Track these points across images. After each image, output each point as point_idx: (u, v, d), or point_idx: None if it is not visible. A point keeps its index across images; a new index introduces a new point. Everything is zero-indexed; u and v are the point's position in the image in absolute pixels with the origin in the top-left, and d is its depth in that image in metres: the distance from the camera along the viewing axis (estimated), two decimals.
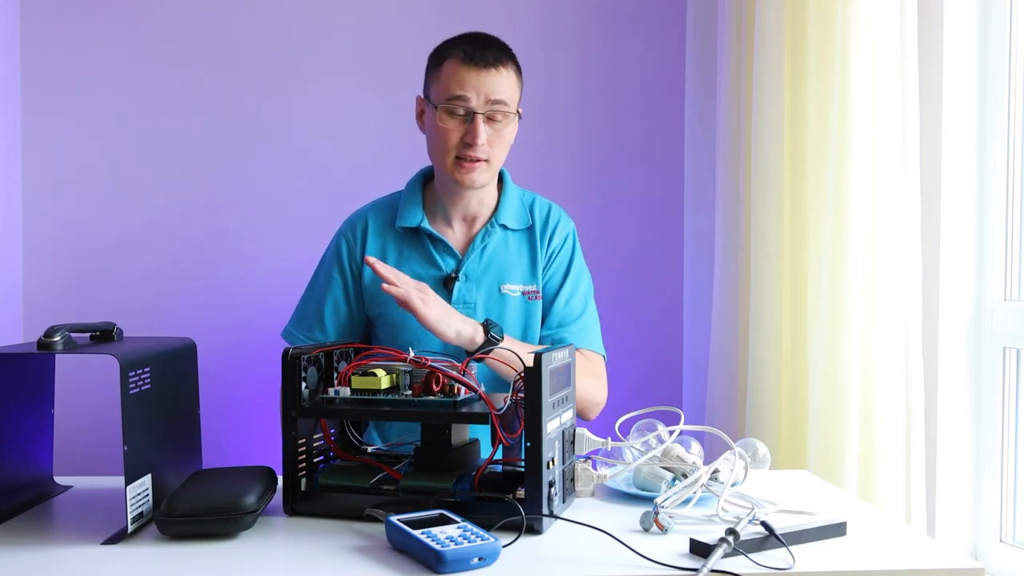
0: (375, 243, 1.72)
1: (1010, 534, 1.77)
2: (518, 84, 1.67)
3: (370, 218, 1.75)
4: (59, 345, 1.18)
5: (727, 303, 2.05)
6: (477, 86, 1.60)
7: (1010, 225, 1.78)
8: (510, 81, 1.64)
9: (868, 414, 1.72)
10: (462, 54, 1.62)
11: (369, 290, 1.71)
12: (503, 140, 1.65)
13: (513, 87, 1.64)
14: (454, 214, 1.71)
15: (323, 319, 1.72)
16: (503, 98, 1.61)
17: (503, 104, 1.61)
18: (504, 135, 1.64)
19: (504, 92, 1.62)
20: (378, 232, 1.73)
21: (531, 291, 1.71)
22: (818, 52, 1.77)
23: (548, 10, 2.42)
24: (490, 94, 1.60)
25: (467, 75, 1.61)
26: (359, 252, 1.72)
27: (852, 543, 1.13)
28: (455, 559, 1.00)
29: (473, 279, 1.69)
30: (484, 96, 1.60)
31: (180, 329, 2.19)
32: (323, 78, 2.38)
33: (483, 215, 1.72)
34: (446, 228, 1.72)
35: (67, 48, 2.32)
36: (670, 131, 2.44)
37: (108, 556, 1.08)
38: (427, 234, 1.70)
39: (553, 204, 1.79)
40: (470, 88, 1.60)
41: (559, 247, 1.75)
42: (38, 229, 2.32)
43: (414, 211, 1.71)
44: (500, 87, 1.61)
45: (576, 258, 1.77)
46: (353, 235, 1.74)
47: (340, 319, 1.72)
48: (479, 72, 1.60)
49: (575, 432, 1.29)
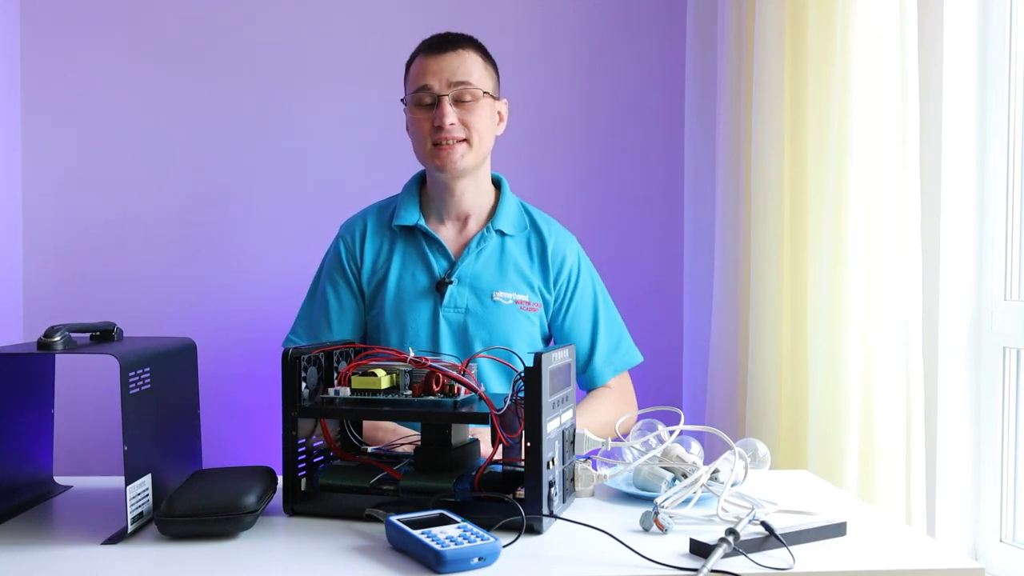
0: (373, 244, 1.73)
1: (1010, 534, 1.77)
2: (486, 68, 1.68)
3: (369, 220, 1.76)
4: (59, 345, 1.18)
5: (727, 303, 2.05)
6: (438, 72, 1.63)
7: (1010, 225, 1.78)
8: (474, 63, 1.65)
9: (868, 414, 1.72)
10: (424, 47, 1.67)
11: (368, 290, 1.72)
12: (477, 120, 1.65)
13: (478, 69, 1.66)
14: (447, 212, 1.72)
15: (330, 322, 1.73)
16: (465, 79, 1.63)
17: (466, 84, 1.63)
18: (477, 114, 1.65)
19: (467, 73, 1.63)
20: (376, 233, 1.74)
21: (523, 301, 1.70)
22: (818, 52, 1.77)
23: (548, 10, 2.42)
24: (451, 76, 1.63)
25: (428, 63, 1.65)
26: (358, 253, 1.73)
27: (852, 543, 1.13)
28: (455, 559, 0.99)
29: (465, 283, 1.69)
30: (446, 79, 1.63)
31: (180, 329, 2.19)
32: (323, 79, 2.38)
33: (477, 216, 1.72)
34: (441, 228, 1.73)
35: (67, 48, 2.32)
36: (670, 131, 2.44)
37: (108, 556, 1.07)
38: (423, 232, 1.70)
39: (557, 225, 1.78)
40: (431, 75, 1.63)
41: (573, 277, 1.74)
42: (38, 229, 2.32)
43: (411, 210, 1.72)
44: (461, 68, 1.64)
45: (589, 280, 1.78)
46: (352, 237, 1.75)
47: (344, 321, 1.73)
48: (438, 57, 1.64)
49: (575, 432, 1.29)
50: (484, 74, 1.67)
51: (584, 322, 1.76)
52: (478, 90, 1.64)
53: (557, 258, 1.74)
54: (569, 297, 1.75)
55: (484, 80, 1.66)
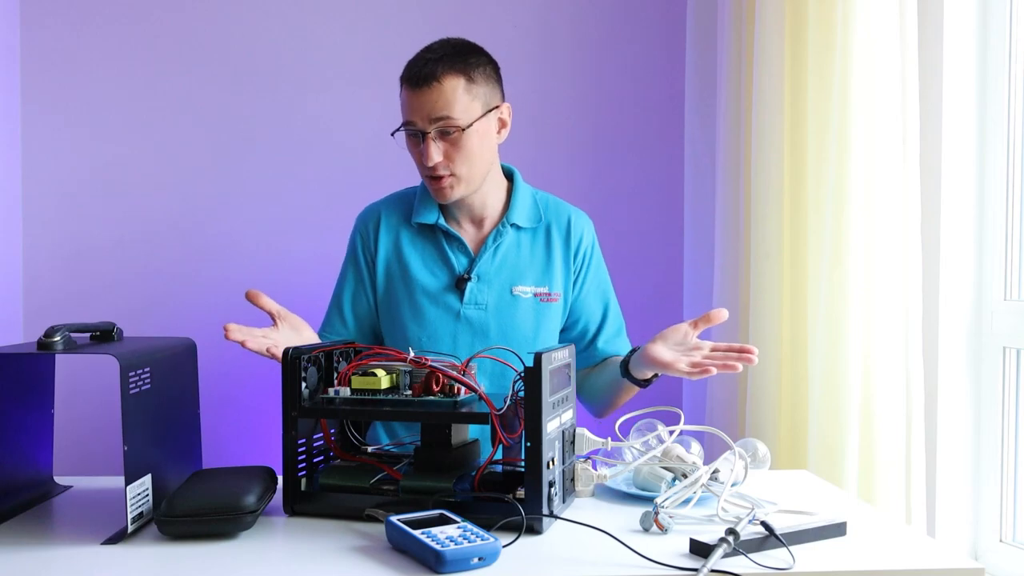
0: (388, 238, 1.73)
1: (1010, 534, 1.77)
2: (468, 90, 1.59)
3: (383, 213, 1.75)
4: (59, 345, 1.18)
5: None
6: (418, 108, 1.58)
7: (1010, 225, 1.78)
8: (453, 93, 1.57)
9: (868, 414, 1.72)
10: (406, 76, 1.61)
11: (383, 283, 1.72)
12: (463, 152, 1.60)
13: (460, 99, 1.58)
14: (462, 215, 1.72)
15: (343, 315, 1.75)
16: (444, 114, 1.57)
17: (446, 119, 1.57)
18: (463, 147, 1.60)
19: (445, 107, 1.57)
20: (391, 227, 1.74)
21: (543, 293, 1.71)
22: (818, 52, 1.77)
23: (548, 10, 2.42)
24: (431, 112, 1.57)
25: (410, 98, 1.60)
26: (373, 246, 1.74)
27: (852, 543, 1.13)
28: (455, 559, 0.99)
29: (485, 280, 1.69)
30: (426, 115, 1.58)
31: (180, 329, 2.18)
32: (324, 80, 2.37)
33: (491, 216, 1.73)
34: (459, 227, 1.73)
35: (67, 48, 2.32)
36: (670, 131, 2.44)
37: (108, 556, 1.07)
38: (443, 231, 1.71)
39: (573, 208, 1.79)
40: (414, 112, 1.59)
41: (588, 255, 1.76)
42: (38, 229, 2.32)
43: (430, 208, 1.71)
44: (439, 103, 1.57)
45: (602, 262, 1.80)
46: (365, 230, 1.76)
47: (360, 314, 1.75)
48: (417, 94, 1.58)
49: (575, 432, 1.29)
50: (468, 101, 1.59)
51: (595, 299, 1.77)
52: (458, 125, 1.58)
53: (576, 235, 1.75)
54: (585, 270, 1.76)
55: (468, 108, 1.59)
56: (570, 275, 1.75)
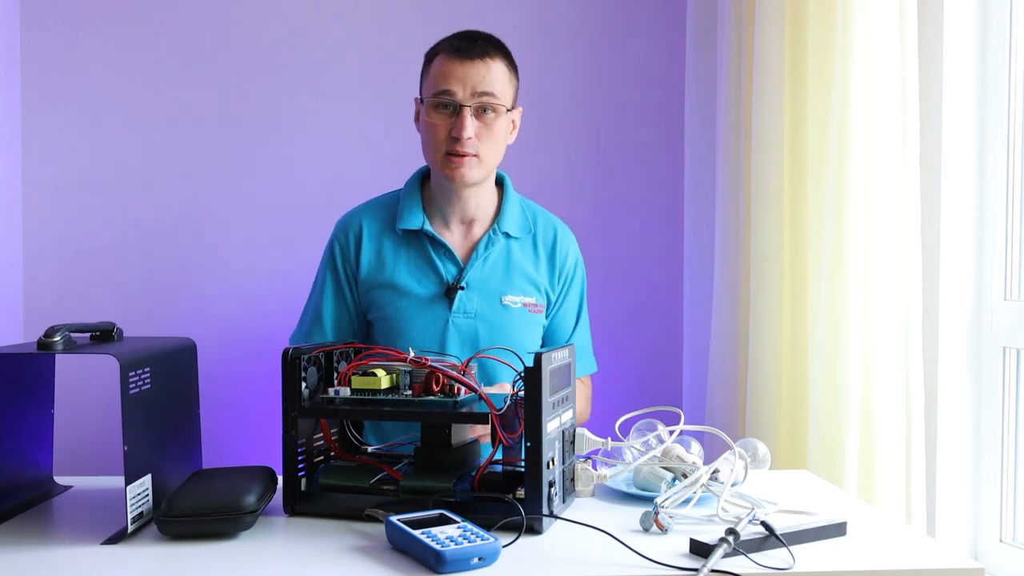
0: (370, 247, 1.70)
1: (1010, 534, 1.77)
2: (510, 79, 1.62)
3: (364, 221, 1.72)
4: (59, 345, 1.18)
5: (727, 303, 2.05)
6: (463, 79, 1.57)
7: (1010, 225, 1.78)
8: (500, 74, 1.59)
9: (868, 414, 1.72)
10: (449, 47, 1.60)
11: (367, 294, 1.70)
12: (493, 135, 1.60)
13: (504, 80, 1.60)
14: (452, 216, 1.70)
15: (323, 325, 1.71)
16: (490, 90, 1.57)
17: (491, 96, 1.58)
18: (495, 130, 1.60)
19: (492, 84, 1.58)
20: (373, 236, 1.70)
21: (531, 303, 1.70)
22: (818, 52, 1.77)
23: (548, 11, 2.42)
24: (476, 86, 1.57)
25: (453, 68, 1.58)
26: (353, 256, 1.70)
27: (852, 543, 1.13)
28: (455, 559, 0.99)
29: (475, 289, 1.67)
30: (470, 88, 1.57)
31: (180, 329, 2.19)
32: (323, 80, 2.37)
33: (482, 219, 1.71)
34: (446, 231, 1.70)
35: (67, 48, 2.32)
36: (670, 132, 2.44)
37: (108, 556, 1.07)
38: (428, 237, 1.68)
39: (559, 221, 1.78)
40: (456, 81, 1.57)
41: (571, 274, 1.76)
42: (38, 229, 2.32)
43: (415, 212, 1.68)
44: (487, 79, 1.57)
45: (582, 281, 1.79)
46: (346, 239, 1.71)
47: (340, 324, 1.71)
48: (464, 64, 1.57)
49: (575, 432, 1.29)
50: (508, 86, 1.61)
51: (570, 318, 1.77)
52: (501, 105, 1.59)
53: (562, 253, 1.75)
54: (567, 290, 1.76)
55: (507, 92, 1.61)
56: (553, 291, 1.74)
